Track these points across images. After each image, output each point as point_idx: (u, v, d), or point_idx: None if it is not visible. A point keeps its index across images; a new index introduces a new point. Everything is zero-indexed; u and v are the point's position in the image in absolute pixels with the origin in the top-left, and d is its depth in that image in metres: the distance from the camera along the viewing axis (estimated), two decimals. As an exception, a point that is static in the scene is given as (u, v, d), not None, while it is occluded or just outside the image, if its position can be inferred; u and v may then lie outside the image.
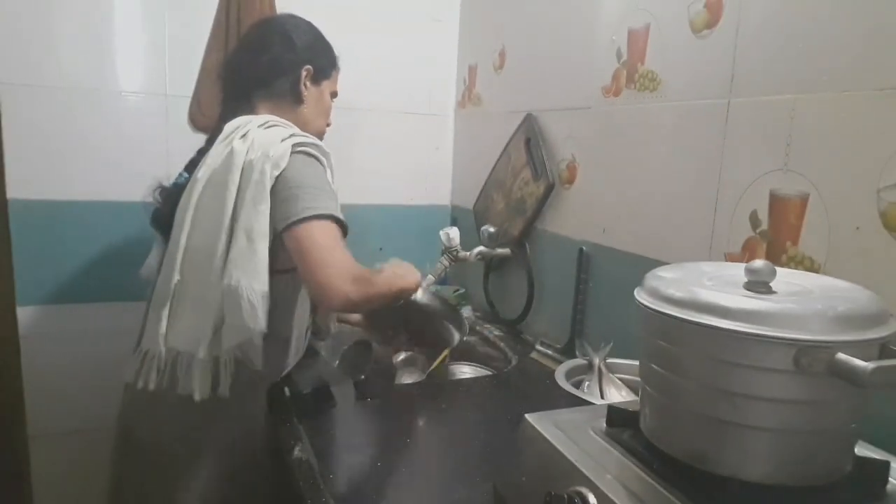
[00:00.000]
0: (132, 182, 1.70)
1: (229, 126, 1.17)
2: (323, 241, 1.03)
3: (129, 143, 1.71)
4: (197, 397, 1.06)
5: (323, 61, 1.30)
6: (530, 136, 1.61)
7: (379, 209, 2.03)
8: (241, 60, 1.28)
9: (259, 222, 1.05)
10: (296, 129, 1.18)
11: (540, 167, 1.56)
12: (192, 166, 1.23)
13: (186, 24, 1.73)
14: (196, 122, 1.75)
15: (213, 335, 1.08)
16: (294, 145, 1.10)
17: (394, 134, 2.02)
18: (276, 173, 1.06)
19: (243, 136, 1.12)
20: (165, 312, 1.10)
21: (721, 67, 1.06)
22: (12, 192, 1.63)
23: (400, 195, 2.07)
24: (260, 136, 1.11)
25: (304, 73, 1.26)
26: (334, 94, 1.36)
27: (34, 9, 1.58)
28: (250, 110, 1.23)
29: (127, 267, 1.73)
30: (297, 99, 1.26)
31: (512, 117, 1.69)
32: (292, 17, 1.32)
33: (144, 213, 1.29)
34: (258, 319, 1.04)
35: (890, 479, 0.66)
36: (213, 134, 1.24)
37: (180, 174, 1.24)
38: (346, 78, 1.35)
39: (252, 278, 1.05)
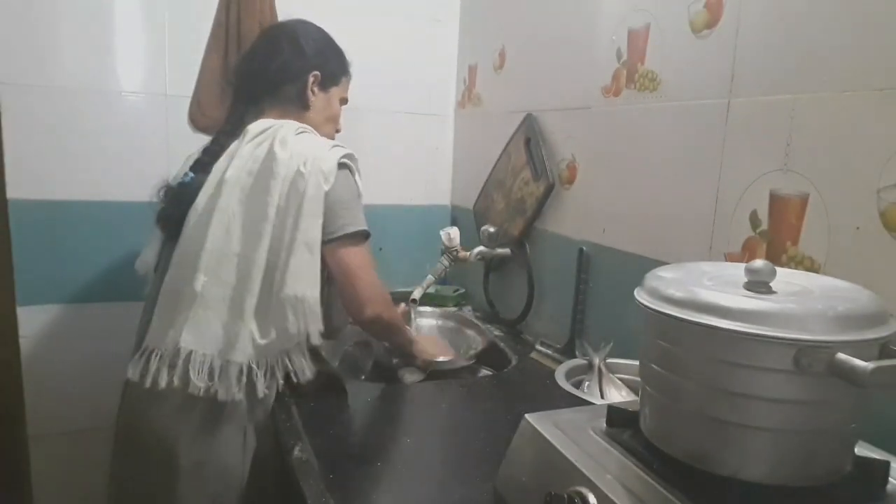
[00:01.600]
0: (132, 182, 1.71)
1: (255, 127, 1.19)
2: (360, 260, 1.15)
3: (129, 144, 1.71)
4: (222, 397, 1.07)
5: (332, 67, 1.31)
6: (530, 136, 1.61)
7: (379, 209, 2.02)
8: (250, 65, 1.29)
9: (317, 235, 1.12)
10: (322, 137, 1.22)
11: (540, 167, 1.56)
12: (199, 166, 1.23)
13: (186, 24, 1.73)
14: (196, 122, 1.75)
15: (249, 340, 1.09)
16: (339, 158, 1.16)
17: (394, 134, 2.03)
18: (328, 189, 1.13)
19: (282, 141, 1.15)
20: (184, 313, 1.10)
21: (721, 67, 1.06)
22: (12, 192, 1.63)
23: (400, 195, 2.07)
24: (301, 146, 1.15)
25: (311, 79, 1.27)
26: (344, 101, 1.37)
27: (34, 9, 1.58)
28: (258, 114, 1.24)
29: (127, 267, 1.73)
30: (304, 105, 1.27)
31: (512, 117, 1.69)
32: (303, 22, 1.33)
33: (145, 212, 1.29)
34: (318, 324, 1.11)
35: (890, 479, 0.66)
36: (220, 135, 1.25)
37: (186, 174, 1.23)
38: (346, 78, 1.36)
39: (314, 288, 1.11)
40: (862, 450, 0.70)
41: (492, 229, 1.65)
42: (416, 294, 1.57)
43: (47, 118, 1.63)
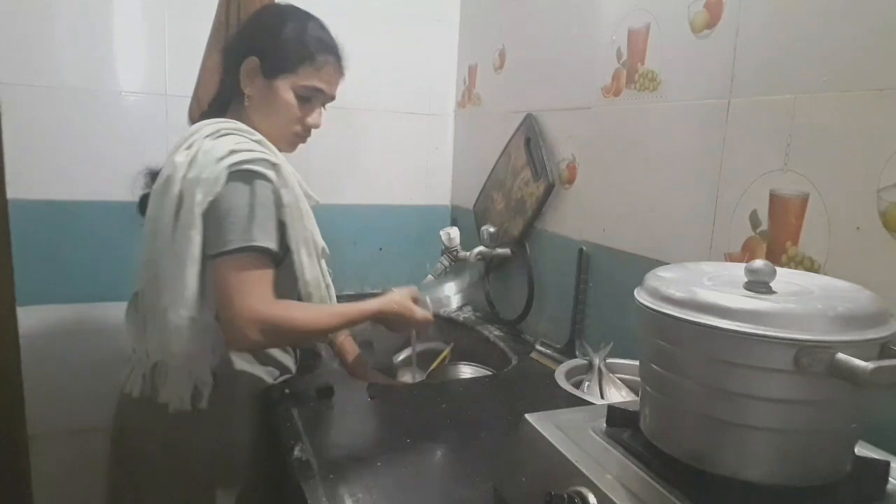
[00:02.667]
0: (132, 182, 1.71)
1: (188, 131, 1.11)
2: (236, 281, 1.00)
3: (129, 144, 1.71)
4: (171, 409, 1.07)
5: (284, 52, 1.13)
6: (530, 136, 1.61)
7: (379, 209, 2.03)
8: (222, 52, 1.23)
9: (189, 249, 1.02)
10: (256, 137, 1.09)
11: (540, 167, 1.56)
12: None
13: (186, 24, 1.72)
14: (196, 121, 1.75)
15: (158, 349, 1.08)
16: (230, 166, 1.01)
17: (394, 134, 2.03)
18: (210, 199, 1.01)
19: (189, 146, 1.06)
20: (144, 319, 1.11)
21: (721, 67, 1.06)
22: (12, 192, 1.62)
23: (400, 195, 2.07)
24: (201, 152, 1.04)
25: (245, 65, 1.12)
26: (313, 92, 1.16)
27: (34, 9, 1.58)
28: (220, 107, 1.19)
29: (127, 267, 1.73)
30: (241, 94, 1.15)
31: (512, 117, 1.69)
32: (279, 6, 1.22)
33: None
34: (181, 345, 1.04)
35: (890, 479, 0.66)
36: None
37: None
38: (345, 78, 1.33)
39: (179, 304, 1.03)
40: (862, 450, 0.70)
41: (492, 229, 1.65)
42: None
43: (47, 118, 1.63)
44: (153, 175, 1.17)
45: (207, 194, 1.00)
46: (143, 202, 1.17)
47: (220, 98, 1.21)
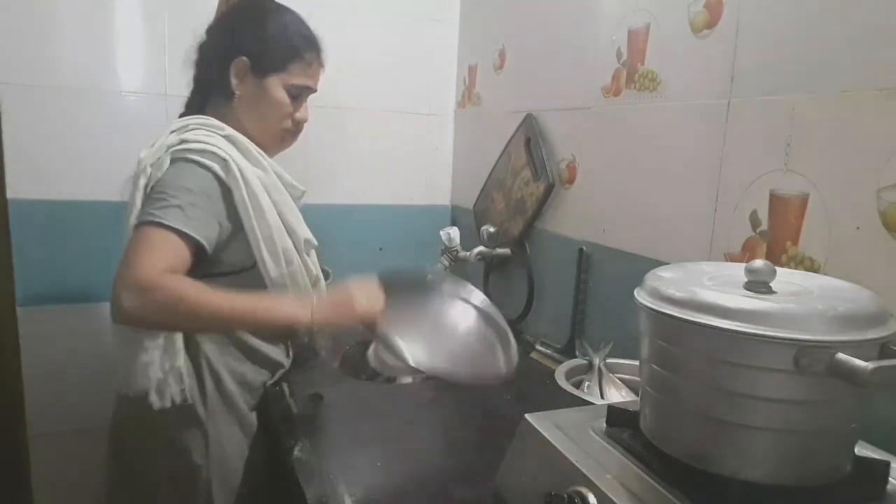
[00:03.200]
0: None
1: (174, 124, 1.12)
2: (130, 249, 0.97)
3: (130, 143, 1.69)
4: (154, 406, 1.06)
5: (274, 51, 1.14)
6: (530, 136, 1.61)
7: (379, 209, 2.03)
8: (196, 51, 1.21)
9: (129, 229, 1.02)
10: (225, 132, 1.09)
11: (540, 167, 1.56)
12: None
13: (186, 24, 1.72)
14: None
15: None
16: (173, 152, 1.04)
17: (394, 134, 2.02)
18: (151, 183, 1.02)
19: (152, 144, 1.08)
20: None
21: (721, 67, 1.06)
22: (12, 192, 1.62)
23: (400, 195, 2.07)
24: (158, 144, 1.07)
25: (234, 66, 1.13)
26: (298, 89, 1.17)
27: (34, 9, 1.58)
28: (199, 104, 1.18)
29: (127, 267, 1.74)
30: (228, 93, 1.14)
31: (512, 117, 1.69)
32: (260, 2, 1.22)
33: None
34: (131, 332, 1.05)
35: (890, 479, 0.66)
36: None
37: None
38: (345, 78, 1.34)
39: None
40: (862, 450, 0.70)
41: (492, 229, 1.65)
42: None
43: (47, 118, 1.63)
44: None
45: (151, 178, 1.02)
46: None
47: (197, 95, 1.20)
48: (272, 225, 1.09)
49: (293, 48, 1.15)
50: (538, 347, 1.48)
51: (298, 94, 1.18)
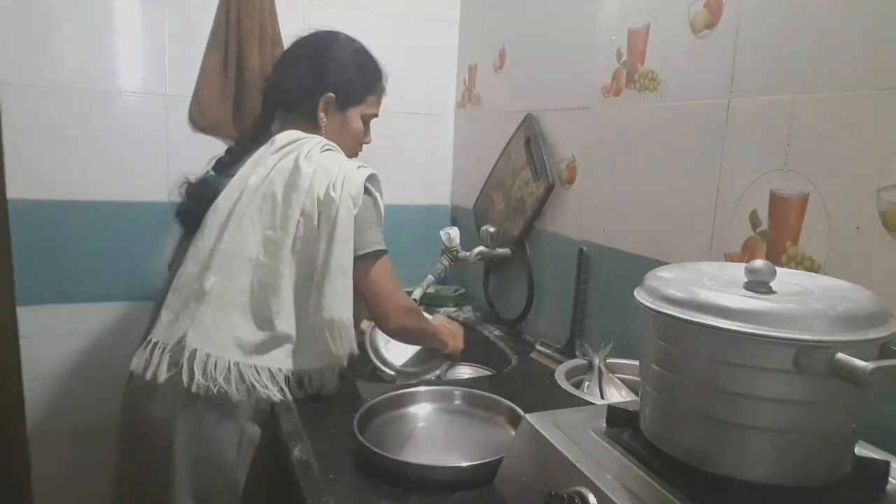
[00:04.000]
0: (132, 182, 1.71)
1: (282, 138, 1.20)
2: (382, 276, 1.19)
3: (129, 143, 1.71)
4: (235, 397, 1.08)
5: (355, 87, 1.30)
6: (530, 136, 1.61)
7: (379, 209, 2.03)
8: (273, 76, 1.32)
9: (350, 260, 1.13)
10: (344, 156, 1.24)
11: (540, 167, 1.56)
12: (220, 166, 1.27)
13: (186, 24, 1.73)
14: (196, 121, 1.76)
15: (282, 349, 1.12)
16: (364, 181, 1.17)
17: (393, 134, 2.02)
18: (356, 213, 1.14)
19: (308, 157, 1.16)
20: (191, 310, 1.11)
21: (721, 67, 1.06)
22: (12, 192, 1.63)
23: (400, 195, 2.07)
24: (328, 163, 1.16)
25: (323, 101, 1.26)
26: (372, 116, 1.36)
27: (34, 9, 1.58)
28: (282, 125, 1.27)
29: (127, 267, 1.74)
30: (315, 125, 1.27)
31: (512, 117, 1.69)
32: (334, 36, 1.32)
33: (145, 212, 1.29)
34: (354, 346, 1.14)
35: (890, 479, 0.66)
36: (244, 138, 1.30)
37: (208, 171, 1.26)
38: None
39: (349, 311, 1.13)
40: (862, 450, 0.70)
41: (492, 229, 1.65)
42: (416, 294, 1.57)
43: (47, 118, 1.63)
44: (192, 185, 1.23)
45: (355, 207, 1.14)
46: (183, 211, 1.23)
47: (267, 119, 1.31)
48: None
49: (371, 83, 1.32)
50: (538, 347, 1.48)
51: (369, 121, 1.36)
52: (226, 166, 1.26)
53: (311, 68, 1.27)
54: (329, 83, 1.26)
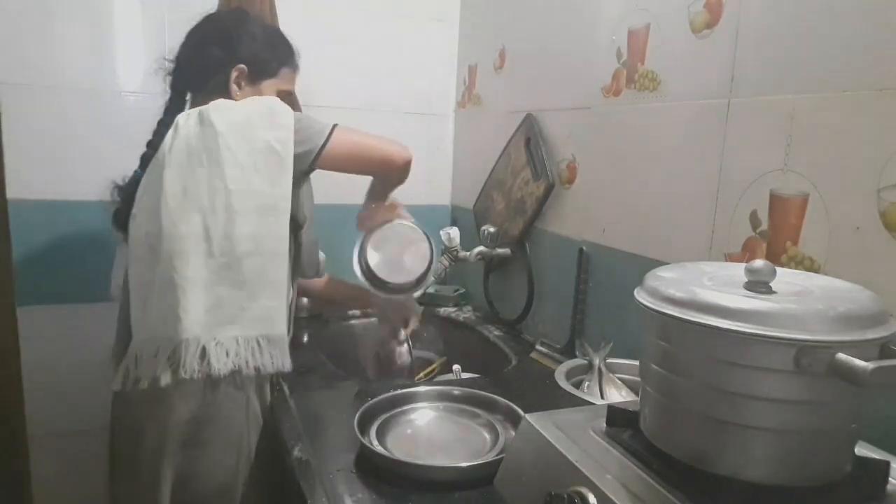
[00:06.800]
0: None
1: (183, 116, 1.17)
2: (354, 139, 1.22)
3: (129, 144, 1.69)
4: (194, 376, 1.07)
5: (265, 59, 1.25)
6: (530, 136, 1.60)
7: (379, 209, 2.03)
8: (180, 56, 1.29)
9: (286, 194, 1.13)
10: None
11: (540, 167, 1.56)
12: (144, 161, 1.25)
13: (186, 25, 1.72)
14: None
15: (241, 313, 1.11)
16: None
17: (394, 134, 2.00)
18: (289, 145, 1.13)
19: (215, 108, 1.13)
20: (164, 301, 1.11)
21: (721, 67, 1.06)
22: (12, 192, 1.62)
23: (400, 195, 2.06)
24: (236, 107, 1.14)
25: (234, 73, 1.22)
26: (287, 94, 1.30)
27: (34, 9, 1.58)
28: (184, 106, 1.25)
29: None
30: (228, 98, 1.22)
31: (512, 117, 1.69)
32: (240, 11, 1.31)
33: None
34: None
35: (890, 479, 0.66)
36: (160, 126, 1.26)
37: (135, 171, 1.26)
38: (345, 78, 1.34)
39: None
40: (862, 450, 0.70)
41: (492, 229, 1.65)
42: (416, 294, 1.57)
43: (47, 118, 1.63)
44: (122, 188, 1.25)
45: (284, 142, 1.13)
46: (118, 215, 1.24)
47: (179, 99, 1.28)
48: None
49: (283, 56, 1.28)
50: (538, 347, 1.48)
51: (284, 98, 1.25)
52: (148, 160, 1.23)
53: (220, 43, 1.23)
54: (240, 55, 1.22)
